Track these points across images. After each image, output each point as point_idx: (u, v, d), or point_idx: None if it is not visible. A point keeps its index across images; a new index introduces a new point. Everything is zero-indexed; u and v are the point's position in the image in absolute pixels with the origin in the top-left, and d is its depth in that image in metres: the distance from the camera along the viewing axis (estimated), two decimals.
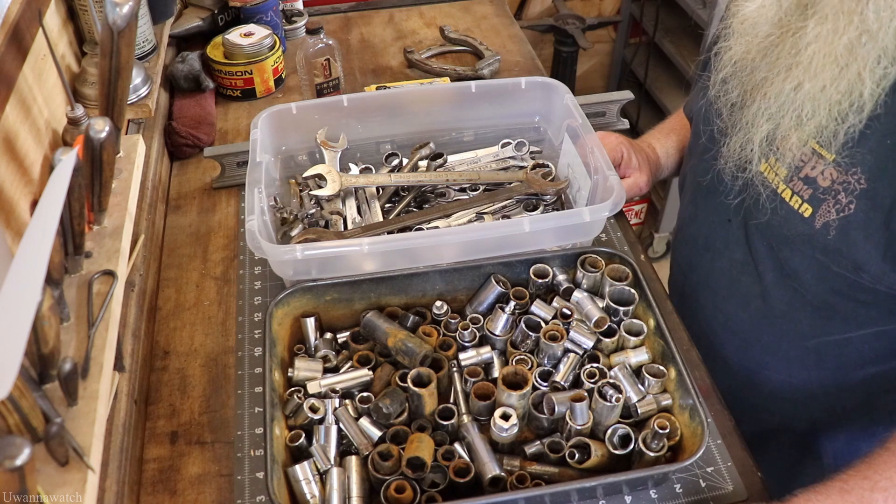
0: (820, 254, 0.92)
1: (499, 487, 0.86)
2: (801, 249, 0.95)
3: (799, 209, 0.92)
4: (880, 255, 0.87)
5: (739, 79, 0.97)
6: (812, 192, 0.90)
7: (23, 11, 0.93)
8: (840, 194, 0.87)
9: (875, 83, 0.81)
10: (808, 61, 0.84)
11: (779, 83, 0.89)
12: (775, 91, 0.89)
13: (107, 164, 0.81)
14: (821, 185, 0.89)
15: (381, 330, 0.98)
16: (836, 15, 0.81)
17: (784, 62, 0.88)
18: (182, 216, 1.34)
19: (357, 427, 0.92)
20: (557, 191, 1.20)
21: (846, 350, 1.02)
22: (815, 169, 0.89)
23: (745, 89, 0.96)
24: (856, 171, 0.86)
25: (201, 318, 1.15)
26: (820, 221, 0.90)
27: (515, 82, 1.29)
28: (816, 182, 0.89)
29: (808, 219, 0.91)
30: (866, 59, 0.80)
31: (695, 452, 0.84)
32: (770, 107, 0.91)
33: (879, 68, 0.80)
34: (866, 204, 0.85)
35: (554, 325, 1.00)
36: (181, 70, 1.56)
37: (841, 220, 0.88)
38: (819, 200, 0.89)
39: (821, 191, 0.89)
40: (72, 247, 0.80)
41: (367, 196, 1.24)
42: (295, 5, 1.84)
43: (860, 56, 0.80)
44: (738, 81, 0.97)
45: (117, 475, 0.87)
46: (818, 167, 0.89)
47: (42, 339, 0.64)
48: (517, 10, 3.00)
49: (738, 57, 0.96)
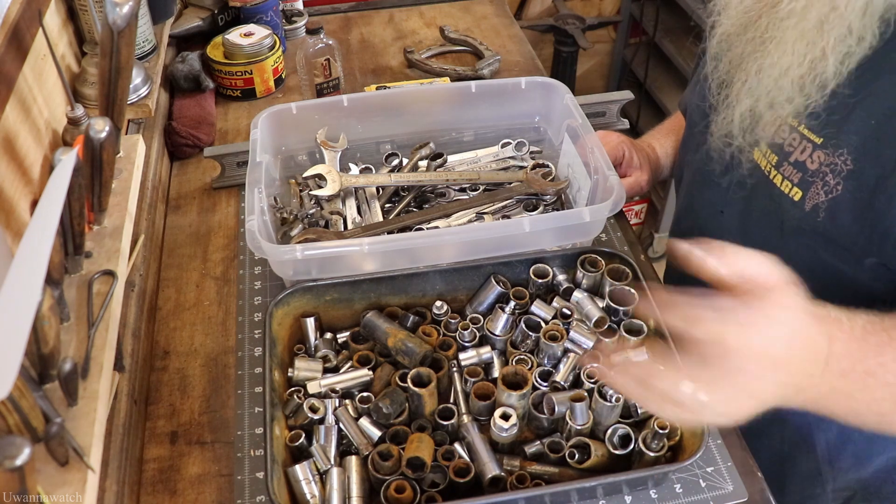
0: (809, 239, 0.93)
1: (499, 487, 0.86)
2: (790, 234, 0.95)
3: (789, 193, 0.92)
4: (866, 236, 0.88)
5: (726, 55, 0.98)
6: (801, 175, 0.91)
7: (23, 11, 0.93)
8: (828, 176, 0.88)
9: (838, 60, 0.82)
10: (780, 36, 0.86)
11: (758, 59, 0.90)
12: (755, 67, 0.91)
13: (107, 164, 0.81)
14: (809, 168, 0.90)
15: (381, 330, 0.98)
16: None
17: (760, 37, 0.90)
18: (182, 216, 1.34)
19: (357, 427, 0.92)
20: (557, 191, 1.20)
21: None
22: (804, 153, 0.90)
23: (730, 65, 0.97)
24: (842, 153, 0.86)
25: (201, 318, 1.15)
26: (809, 204, 0.90)
27: (515, 82, 1.29)
28: (805, 165, 0.90)
29: (798, 202, 0.91)
30: (831, 36, 0.81)
31: (695, 452, 0.84)
32: (750, 82, 0.92)
33: (843, 45, 0.81)
34: (853, 184, 0.86)
35: (554, 325, 1.00)
36: (181, 70, 1.56)
37: (829, 202, 0.88)
38: (808, 183, 0.90)
39: (809, 174, 0.90)
40: (72, 247, 0.80)
41: (367, 196, 1.24)
42: (295, 5, 1.84)
43: (826, 33, 0.81)
44: (725, 57, 0.98)
45: (117, 475, 0.87)
46: (806, 151, 0.90)
47: (42, 339, 0.64)
48: (517, 10, 3.00)
49: (726, 35, 0.97)
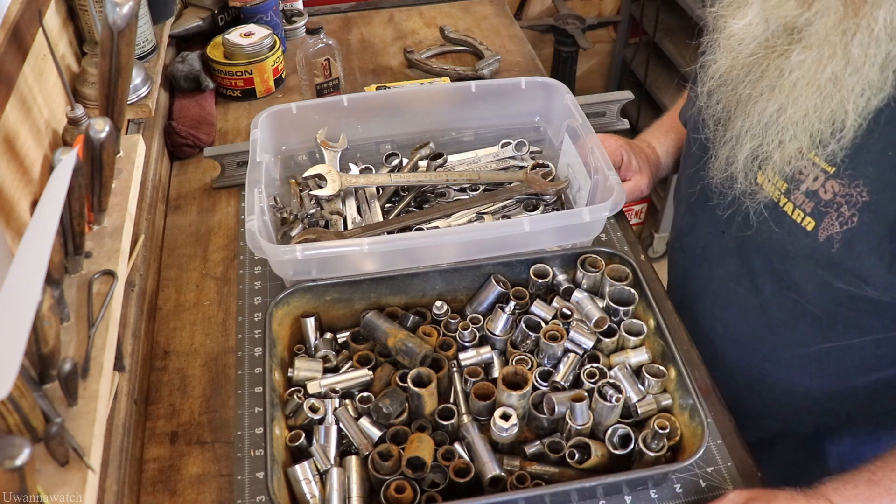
0: (822, 269, 0.92)
1: (499, 487, 0.86)
2: (801, 264, 0.94)
3: (801, 223, 0.91)
4: (886, 267, 0.87)
5: (723, 93, 0.97)
6: (814, 205, 0.90)
7: (23, 11, 0.93)
8: (843, 207, 0.87)
9: (858, 113, 0.81)
10: (791, 86, 0.85)
11: (762, 103, 0.89)
12: (758, 110, 0.90)
13: (107, 164, 0.81)
14: (822, 199, 0.89)
15: (381, 330, 0.98)
16: (820, 45, 0.81)
17: (767, 82, 0.89)
18: (182, 216, 1.34)
19: (357, 427, 0.92)
20: (557, 191, 1.20)
21: (848, 356, 1.01)
22: (817, 182, 0.89)
23: (729, 104, 0.97)
24: (857, 184, 0.85)
25: (201, 318, 1.15)
26: (823, 235, 0.89)
27: (515, 82, 1.29)
28: (818, 195, 0.89)
29: (811, 232, 0.90)
30: (850, 92, 0.80)
31: (695, 452, 0.84)
32: (753, 126, 0.91)
33: (863, 100, 0.80)
34: (869, 216, 0.85)
35: (554, 325, 1.00)
36: (181, 70, 1.56)
37: (845, 233, 0.87)
38: (821, 214, 0.89)
39: (823, 204, 0.89)
40: (72, 247, 0.80)
41: (367, 196, 1.24)
42: (295, 5, 1.84)
43: (844, 87, 0.80)
44: (722, 96, 0.97)
45: (117, 475, 0.87)
46: (819, 180, 0.89)
47: (42, 339, 0.64)
48: (517, 10, 3.00)
49: (723, 71, 0.96)
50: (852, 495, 0.82)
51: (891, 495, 0.81)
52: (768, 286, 1.01)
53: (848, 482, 0.82)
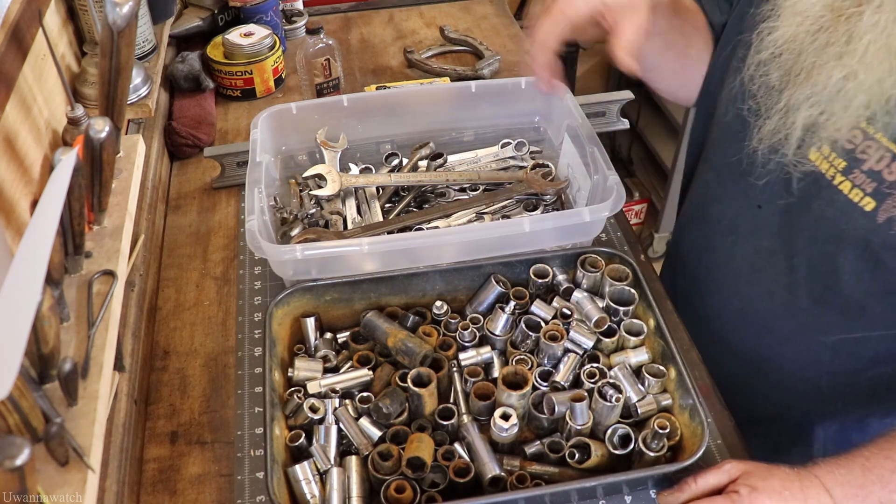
0: (879, 248, 0.89)
1: (499, 487, 0.86)
2: (851, 245, 0.91)
3: (860, 203, 0.88)
4: None
5: (782, 61, 0.92)
6: (876, 185, 0.86)
7: (23, 11, 0.93)
8: None
9: None
10: (862, 51, 0.80)
11: (828, 70, 0.84)
12: (824, 78, 0.85)
13: (107, 164, 0.81)
14: (886, 179, 0.85)
15: (381, 330, 0.98)
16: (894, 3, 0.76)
17: (835, 49, 0.84)
18: (182, 216, 1.34)
19: (357, 427, 0.92)
20: (557, 191, 1.20)
21: (862, 348, 0.99)
22: (881, 162, 0.86)
23: (787, 72, 0.92)
24: None
25: (201, 318, 1.15)
26: (883, 216, 0.86)
27: (515, 82, 1.29)
28: (881, 175, 0.86)
29: (869, 213, 0.87)
30: None
31: (695, 452, 0.84)
32: (817, 93, 0.86)
33: None
34: None
35: (554, 325, 1.00)
36: (181, 70, 1.56)
37: None
38: (884, 195, 0.86)
39: (886, 185, 0.85)
40: (72, 247, 0.80)
41: (367, 196, 1.24)
42: (295, 5, 1.84)
43: None
44: (781, 64, 0.92)
45: (117, 475, 0.87)
46: (884, 161, 0.85)
47: (42, 339, 0.64)
48: (517, 10, 3.00)
49: (785, 39, 0.90)
50: (845, 480, 0.80)
51: (882, 483, 0.79)
52: (803, 268, 0.98)
53: (842, 466, 0.81)
